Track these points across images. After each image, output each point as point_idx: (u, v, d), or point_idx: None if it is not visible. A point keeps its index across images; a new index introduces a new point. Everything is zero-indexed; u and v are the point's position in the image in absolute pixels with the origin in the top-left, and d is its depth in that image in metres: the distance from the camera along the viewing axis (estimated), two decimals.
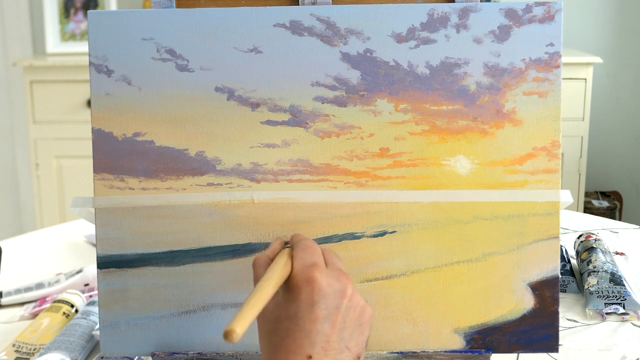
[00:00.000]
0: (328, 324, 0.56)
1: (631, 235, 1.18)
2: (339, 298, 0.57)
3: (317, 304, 0.56)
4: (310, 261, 0.58)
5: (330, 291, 0.56)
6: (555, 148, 0.69)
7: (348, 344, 0.56)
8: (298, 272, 0.57)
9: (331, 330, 0.56)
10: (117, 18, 0.70)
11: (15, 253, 1.17)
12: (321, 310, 0.56)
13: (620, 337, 0.84)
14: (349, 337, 0.57)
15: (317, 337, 0.55)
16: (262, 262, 0.61)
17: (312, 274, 0.57)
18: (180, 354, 0.70)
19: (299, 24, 0.69)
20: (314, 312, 0.55)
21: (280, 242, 0.65)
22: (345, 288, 0.57)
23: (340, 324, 0.56)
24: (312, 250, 0.60)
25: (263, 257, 0.62)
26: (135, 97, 0.70)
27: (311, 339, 0.55)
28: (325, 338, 0.55)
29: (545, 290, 0.70)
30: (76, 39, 2.57)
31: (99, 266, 0.71)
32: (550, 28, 0.69)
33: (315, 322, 0.55)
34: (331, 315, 0.56)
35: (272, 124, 0.70)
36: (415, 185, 0.70)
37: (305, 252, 0.59)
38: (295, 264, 0.58)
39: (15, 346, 0.84)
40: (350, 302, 0.57)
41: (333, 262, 0.60)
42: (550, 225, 0.69)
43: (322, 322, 0.55)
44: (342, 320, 0.56)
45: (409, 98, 0.70)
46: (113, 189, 0.70)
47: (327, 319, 0.56)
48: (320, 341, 0.55)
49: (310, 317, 0.55)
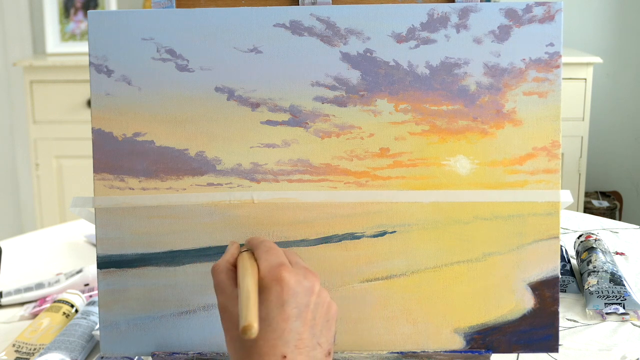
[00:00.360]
0: (299, 321, 0.56)
1: (631, 235, 1.18)
2: (308, 295, 0.57)
3: (288, 303, 0.56)
4: (276, 261, 0.58)
5: (300, 289, 0.57)
6: (555, 148, 0.69)
7: (319, 340, 0.57)
8: (266, 273, 0.57)
9: (303, 327, 0.56)
10: (117, 18, 0.70)
11: (15, 253, 1.17)
12: (292, 309, 0.56)
13: (620, 337, 0.84)
14: (320, 333, 0.57)
15: (289, 335, 0.55)
16: (222, 267, 0.61)
17: (281, 273, 0.57)
18: (180, 354, 0.70)
19: (299, 24, 0.69)
20: (284, 311, 0.56)
21: (237, 246, 0.64)
22: (313, 285, 0.58)
23: (311, 321, 0.57)
24: (275, 251, 0.60)
25: (223, 263, 0.61)
26: (135, 97, 0.70)
27: (284, 339, 0.55)
28: (298, 336, 0.55)
29: (545, 290, 0.70)
30: (76, 39, 2.57)
31: (99, 266, 0.71)
32: (550, 28, 0.69)
33: (287, 321, 0.55)
34: (302, 313, 0.56)
35: (272, 124, 0.70)
36: (415, 185, 0.70)
37: (269, 254, 0.60)
38: (261, 265, 0.58)
39: (15, 346, 0.84)
40: (318, 298, 0.58)
41: (296, 261, 0.60)
42: (550, 225, 0.69)
43: (293, 320, 0.56)
44: (312, 317, 0.57)
45: (409, 98, 0.70)
46: (113, 189, 0.70)
47: (298, 317, 0.56)
48: (293, 339, 0.55)
49: (282, 316, 0.55)
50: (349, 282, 0.70)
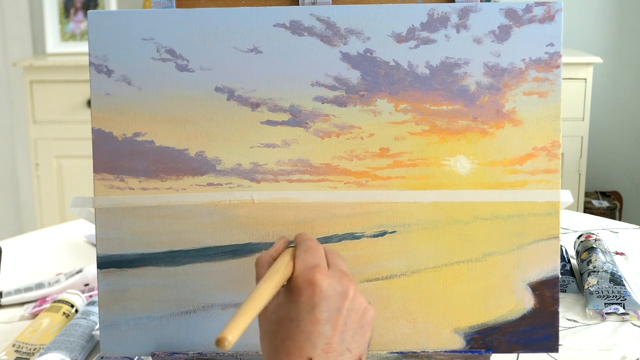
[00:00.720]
0: (329, 325, 0.55)
1: (631, 235, 1.18)
2: (340, 300, 0.56)
3: (318, 306, 0.55)
4: (311, 262, 0.58)
5: (332, 293, 0.56)
6: (555, 148, 0.69)
7: (349, 345, 0.56)
8: (299, 274, 0.57)
9: (332, 332, 0.55)
10: (117, 18, 0.70)
11: (15, 253, 1.17)
12: (322, 313, 0.55)
13: (620, 337, 0.84)
14: (351, 339, 0.56)
15: (318, 339, 0.55)
16: (264, 261, 0.61)
17: (313, 275, 0.56)
18: (180, 354, 0.70)
19: (299, 24, 0.69)
20: (314, 314, 0.55)
21: (284, 241, 0.64)
22: (347, 290, 0.57)
23: (342, 326, 0.56)
24: (314, 251, 0.60)
25: (266, 257, 0.61)
26: (135, 97, 0.70)
27: (312, 341, 0.55)
28: (326, 340, 0.55)
29: (545, 290, 0.70)
30: (76, 39, 2.57)
31: (99, 266, 0.71)
32: (550, 28, 0.69)
33: (316, 324, 0.55)
34: (332, 317, 0.56)
35: (272, 124, 0.70)
36: (415, 185, 0.70)
37: (307, 253, 0.59)
38: (296, 265, 0.58)
39: (15, 346, 0.84)
40: (352, 304, 0.57)
41: (335, 264, 0.60)
42: (550, 225, 0.69)
43: (323, 324, 0.55)
44: (343, 322, 0.56)
45: (409, 98, 0.70)
46: (113, 189, 0.70)
47: (328, 321, 0.55)
48: (321, 343, 0.55)
49: (311, 319, 0.55)
50: None
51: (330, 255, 0.61)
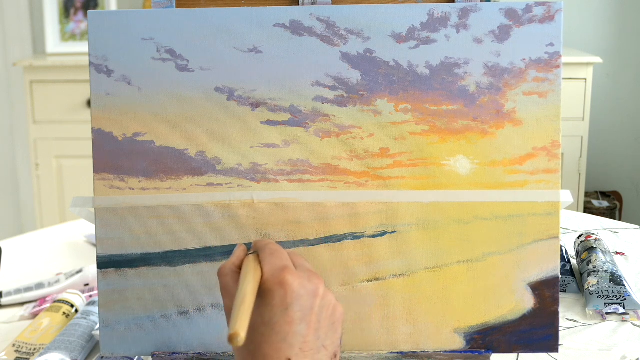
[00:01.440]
0: (304, 324, 0.56)
1: (631, 235, 1.18)
2: (312, 298, 0.57)
3: (291, 306, 0.56)
4: (280, 265, 0.58)
5: (303, 292, 0.57)
6: (555, 148, 0.69)
7: (324, 342, 0.57)
8: (269, 277, 0.57)
9: (307, 330, 0.56)
10: (117, 18, 0.70)
11: (15, 253, 1.17)
12: (296, 312, 0.56)
13: (620, 337, 0.84)
14: (325, 336, 0.57)
15: (294, 339, 0.55)
16: (228, 270, 0.61)
17: (284, 277, 0.57)
18: (180, 354, 0.70)
19: (299, 24, 0.69)
20: (288, 315, 0.56)
21: (244, 248, 0.64)
22: (317, 288, 0.58)
23: (315, 324, 0.57)
24: (279, 254, 0.60)
25: (229, 265, 0.61)
26: (135, 97, 0.70)
27: (288, 342, 0.55)
28: (302, 339, 0.55)
29: (545, 290, 0.70)
30: (76, 39, 2.57)
31: (99, 266, 0.71)
32: (550, 28, 0.69)
33: (291, 324, 0.55)
34: (306, 316, 0.56)
35: (272, 124, 0.70)
36: (415, 185, 0.70)
37: (273, 257, 0.59)
38: (265, 268, 0.58)
39: (15, 346, 0.84)
40: (322, 301, 0.58)
41: (301, 264, 0.60)
42: (550, 225, 0.69)
43: (297, 323, 0.56)
44: (316, 320, 0.57)
45: (409, 98, 0.70)
46: (113, 189, 0.70)
47: (302, 320, 0.56)
48: (297, 342, 0.55)
49: (286, 319, 0.55)
50: (349, 282, 0.70)
51: (294, 257, 0.61)
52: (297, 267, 0.59)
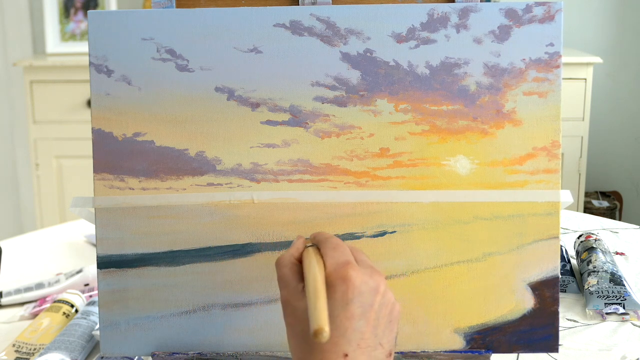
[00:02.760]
0: (363, 321, 0.56)
1: (631, 235, 1.18)
2: (372, 295, 0.57)
3: (352, 302, 0.56)
4: (342, 259, 0.58)
5: (365, 289, 0.56)
6: (555, 148, 0.69)
7: (381, 340, 0.57)
8: (332, 271, 0.57)
9: (366, 327, 0.56)
10: (117, 18, 0.70)
11: (15, 253, 1.17)
12: (356, 308, 0.56)
13: (620, 337, 0.84)
14: (382, 334, 0.57)
15: (352, 334, 0.55)
16: (286, 261, 0.61)
17: (347, 272, 0.56)
18: (180, 354, 0.70)
19: (299, 24, 0.69)
20: (349, 310, 0.55)
21: (303, 240, 0.64)
22: (379, 285, 0.57)
23: (374, 321, 0.56)
24: (342, 248, 0.60)
25: (287, 257, 0.61)
26: (135, 97, 0.70)
27: (347, 337, 0.55)
28: (360, 335, 0.55)
29: (545, 290, 0.70)
30: (76, 39, 2.57)
31: (99, 266, 0.71)
32: (550, 28, 0.69)
33: (350, 320, 0.55)
34: (366, 312, 0.56)
35: (272, 124, 0.70)
36: (415, 185, 0.70)
37: (335, 251, 0.59)
38: (327, 262, 0.58)
39: (15, 346, 0.84)
40: (383, 298, 0.57)
41: (363, 260, 0.60)
42: (550, 225, 0.69)
43: (357, 319, 0.55)
44: (375, 317, 0.56)
45: (409, 98, 0.70)
46: (113, 189, 0.70)
47: (362, 316, 0.56)
48: (355, 338, 0.55)
49: (346, 315, 0.55)
50: None
51: (356, 252, 0.61)
52: (359, 262, 0.59)
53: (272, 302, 0.70)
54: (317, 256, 0.59)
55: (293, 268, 0.60)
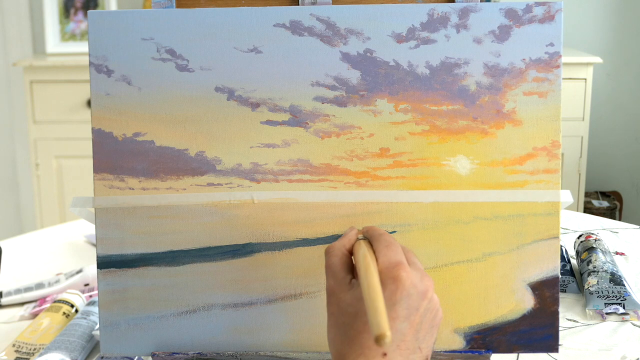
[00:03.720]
0: (407, 323, 0.56)
1: (631, 235, 1.18)
2: (420, 299, 0.56)
3: (399, 303, 0.55)
4: (395, 259, 0.58)
5: (413, 291, 0.56)
6: (555, 148, 0.69)
7: (421, 344, 0.57)
8: (383, 269, 0.57)
9: (408, 329, 0.56)
10: (117, 18, 0.70)
11: (15, 253, 1.17)
12: (402, 310, 0.55)
13: (620, 337, 0.84)
14: (423, 338, 0.57)
15: (394, 335, 0.55)
16: (337, 251, 0.61)
17: (398, 273, 0.56)
18: (180, 354, 0.70)
19: (299, 24, 0.69)
20: (395, 311, 0.55)
21: (356, 232, 0.64)
22: (428, 289, 0.57)
23: (418, 325, 0.56)
24: (395, 247, 0.59)
25: (338, 246, 0.61)
26: (135, 97, 0.70)
27: None
28: (402, 337, 0.55)
29: (545, 290, 0.70)
30: (76, 39, 2.57)
31: (99, 266, 0.71)
32: (550, 28, 0.69)
33: (394, 321, 0.55)
34: (411, 315, 0.56)
35: (272, 124, 0.70)
36: (415, 185, 0.70)
37: (389, 249, 0.59)
38: (379, 260, 0.58)
39: (15, 346, 0.84)
40: (429, 303, 0.57)
41: (414, 262, 0.59)
42: (550, 225, 0.69)
43: (401, 320, 0.55)
44: (419, 321, 0.56)
45: (409, 98, 0.70)
46: (113, 189, 0.70)
47: (406, 318, 0.56)
48: (396, 339, 0.55)
49: (391, 315, 0.55)
50: None
51: (408, 253, 0.61)
52: (410, 264, 0.59)
53: (272, 302, 0.70)
54: (370, 251, 0.59)
55: (343, 258, 0.60)
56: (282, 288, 0.70)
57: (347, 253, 0.61)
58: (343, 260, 0.60)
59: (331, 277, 0.60)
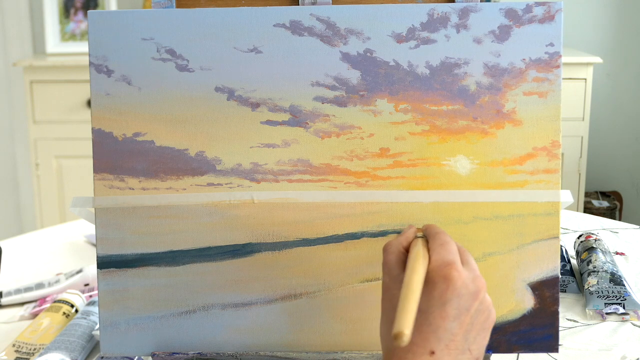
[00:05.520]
0: (457, 323, 0.56)
1: (631, 235, 1.18)
2: (471, 300, 0.57)
3: (449, 302, 0.56)
4: (448, 258, 0.58)
5: (465, 292, 0.56)
6: (555, 148, 0.69)
7: (471, 346, 0.57)
8: (435, 268, 0.57)
9: (458, 329, 0.56)
10: (117, 18, 0.70)
11: (15, 253, 1.17)
12: (452, 309, 0.56)
13: (620, 337, 0.84)
14: (473, 340, 0.57)
15: (443, 334, 0.55)
16: (394, 248, 0.61)
17: (450, 272, 0.56)
18: (180, 354, 0.70)
19: (299, 24, 0.69)
20: (445, 310, 0.55)
21: (414, 230, 0.64)
22: (479, 291, 0.57)
23: (468, 325, 0.56)
24: (449, 246, 0.59)
25: (396, 244, 0.61)
26: (135, 97, 0.70)
27: (438, 335, 0.55)
28: (451, 337, 0.55)
29: (545, 290, 0.70)
30: (76, 39, 2.57)
31: (99, 266, 0.71)
32: (550, 28, 0.69)
33: (444, 320, 0.55)
34: (461, 315, 0.56)
35: (272, 124, 0.70)
36: (415, 185, 0.70)
37: (443, 248, 0.59)
38: (432, 258, 0.58)
39: (15, 346, 0.84)
40: (481, 305, 0.57)
41: (469, 262, 0.59)
42: (550, 225, 0.69)
43: (451, 320, 0.55)
44: (470, 322, 0.56)
45: (409, 98, 0.70)
46: (113, 189, 0.70)
47: (456, 318, 0.56)
48: (445, 339, 0.55)
49: (441, 313, 0.55)
50: (349, 282, 0.70)
51: (463, 253, 0.60)
52: (465, 264, 0.59)
53: (272, 302, 0.70)
54: (424, 250, 0.59)
55: (399, 256, 0.60)
56: (282, 288, 0.70)
57: (404, 251, 0.61)
58: (399, 258, 0.60)
59: (387, 274, 0.60)
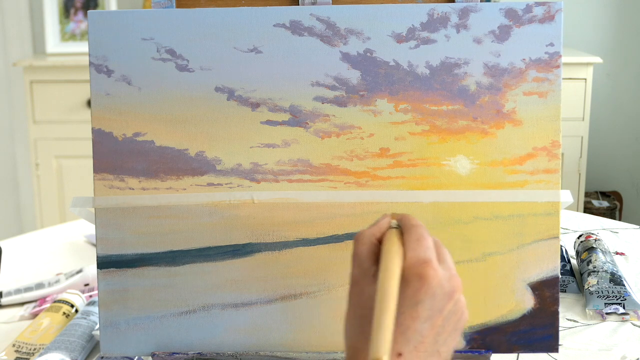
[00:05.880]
0: (428, 324, 0.53)
1: (631, 235, 1.18)
2: (445, 300, 0.53)
3: (422, 303, 0.52)
4: (423, 255, 0.54)
5: (439, 292, 0.53)
6: (555, 148, 0.69)
7: (440, 348, 0.53)
8: (410, 265, 0.53)
9: (429, 331, 0.53)
10: (117, 18, 0.70)
11: (15, 253, 1.17)
12: (425, 310, 0.52)
13: (620, 337, 0.84)
14: (443, 342, 0.54)
15: (413, 335, 0.52)
16: (366, 239, 0.57)
17: (425, 270, 0.53)
18: (180, 354, 0.70)
19: (299, 24, 0.69)
20: (416, 310, 0.52)
21: (388, 221, 0.60)
22: (454, 291, 0.54)
23: (439, 327, 0.53)
24: (426, 242, 0.55)
25: (368, 235, 0.57)
26: (135, 97, 0.70)
27: (407, 337, 0.52)
28: (421, 339, 0.52)
29: (545, 290, 0.70)
30: (76, 39, 2.57)
31: (99, 266, 0.71)
32: (550, 28, 0.69)
33: (415, 320, 0.52)
34: (433, 316, 0.53)
35: (272, 124, 0.70)
36: (415, 185, 0.70)
37: (419, 244, 0.55)
38: (407, 255, 0.54)
39: (15, 346, 0.84)
40: (455, 306, 0.54)
41: (445, 259, 0.56)
42: (550, 225, 0.69)
43: (422, 321, 0.52)
44: (441, 323, 0.53)
45: (409, 98, 0.70)
46: (113, 189, 0.70)
47: (428, 319, 0.53)
48: (414, 340, 0.52)
49: (412, 314, 0.52)
50: None
51: (440, 248, 0.57)
52: (441, 262, 0.55)
53: (272, 302, 0.70)
54: (399, 244, 0.55)
55: (371, 248, 0.56)
56: (282, 288, 0.70)
57: (376, 242, 0.57)
58: (371, 250, 0.56)
59: (357, 266, 0.56)
